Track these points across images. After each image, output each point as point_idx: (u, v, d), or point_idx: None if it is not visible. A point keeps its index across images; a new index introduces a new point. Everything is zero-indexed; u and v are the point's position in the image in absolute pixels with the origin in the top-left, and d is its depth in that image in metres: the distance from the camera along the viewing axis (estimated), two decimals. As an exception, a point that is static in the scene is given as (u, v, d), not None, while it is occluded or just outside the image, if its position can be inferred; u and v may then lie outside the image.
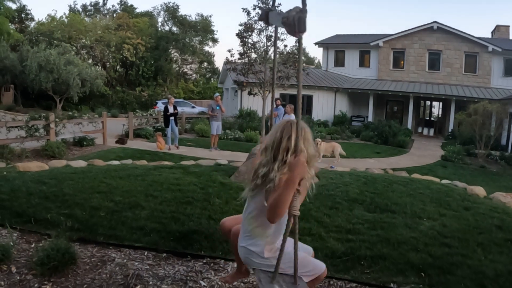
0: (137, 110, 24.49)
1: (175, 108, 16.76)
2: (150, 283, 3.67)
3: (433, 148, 22.49)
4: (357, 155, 17.81)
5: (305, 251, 3.03)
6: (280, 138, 2.60)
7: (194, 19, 52.37)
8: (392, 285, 3.92)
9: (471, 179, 13.45)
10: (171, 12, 51.94)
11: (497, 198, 8.72)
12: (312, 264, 2.88)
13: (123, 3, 54.12)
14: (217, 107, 16.52)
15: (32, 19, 46.73)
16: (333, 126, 28.82)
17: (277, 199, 2.42)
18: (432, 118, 34.39)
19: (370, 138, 24.10)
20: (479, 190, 9.12)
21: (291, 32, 2.49)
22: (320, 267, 2.90)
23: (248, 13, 23.68)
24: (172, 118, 16.37)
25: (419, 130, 32.15)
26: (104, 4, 53.80)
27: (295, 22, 2.40)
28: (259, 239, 2.77)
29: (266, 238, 2.76)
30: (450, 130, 28.03)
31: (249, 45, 23.58)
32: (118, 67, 46.81)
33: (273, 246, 2.78)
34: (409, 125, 29.23)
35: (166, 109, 16.48)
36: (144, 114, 22.40)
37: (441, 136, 29.31)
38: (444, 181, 10.49)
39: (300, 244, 2.80)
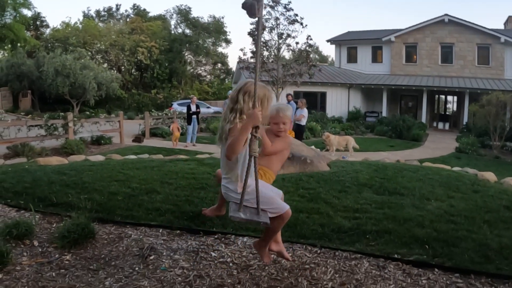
0: (153, 110, 24.88)
1: (197, 107, 17.20)
2: (164, 254, 3.91)
3: (447, 141, 22.44)
4: (371, 149, 17.89)
5: (275, 193, 3.61)
6: (236, 95, 3.26)
7: (206, 20, 52.84)
8: (396, 256, 4.05)
9: (484, 168, 13.37)
10: (184, 14, 52.38)
11: (507, 182, 8.72)
12: (276, 203, 3.33)
13: (136, 7, 54.85)
14: (231, 104, 16.82)
15: (47, 26, 47.68)
16: (347, 122, 28.91)
17: (232, 141, 3.05)
18: (447, 112, 34.21)
19: (384, 133, 24.14)
20: (490, 176, 9.14)
21: (249, 15, 3.03)
22: (283, 206, 3.33)
23: (259, 11, 23.97)
24: (194, 116, 16.83)
25: (434, 124, 32.03)
26: (117, 9, 54.68)
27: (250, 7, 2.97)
28: (232, 179, 3.38)
29: (237, 177, 3.35)
30: (464, 123, 27.89)
31: (261, 43, 23.82)
32: (133, 70, 47.42)
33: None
34: (424, 120, 29.15)
35: (188, 107, 16.96)
36: (160, 113, 22.78)
37: (457, 130, 29.13)
38: (455, 168, 10.54)
39: (271, 186, 3.60)
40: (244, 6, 2.99)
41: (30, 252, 3.86)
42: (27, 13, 36.56)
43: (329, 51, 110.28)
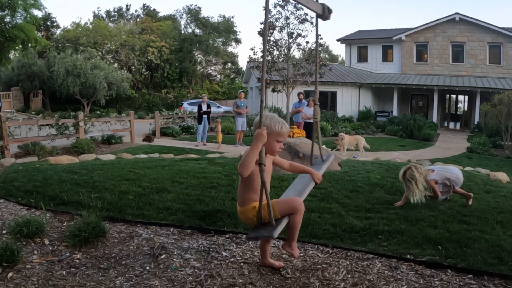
0: (163, 110, 24.93)
1: (208, 106, 17.15)
2: (175, 253, 3.90)
3: (458, 141, 22.27)
4: (382, 148, 17.79)
5: None
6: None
7: (216, 20, 52.87)
8: (408, 256, 4.01)
9: (496, 168, 13.28)
10: (194, 14, 52.45)
11: (520, 183, 8.67)
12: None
13: (146, 7, 55.04)
14: (241, 104, 16.79)
15: (58, 26, 47.81)
16: (358, 121, 28.80)
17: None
18: (458, 112, 33.94)
19: (395, 133, 24.00)
20: (502, 176, 9.07)
21: None
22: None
23: (269, 11, 23.93)
24: (205, 116, 16.78)
25: (445, 124, 31.81)
26: (127, 9, 54.92)
27: None
28: None
29: None
30: (476, 123, 27.62)
31: (271, 43, 23.79)
32: (143, 70, 47.48)
33: None
34: (435, 119, 28.92)
35: (199, 107, 16.91)
36: (170, 113, 22.84)
37: (468, 130, 28.85)
38: (467, 168, 10.46)
39: None
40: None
41: (40, 251, 3.87)
42: (38, 13, 36.63)
43: (339, 50, 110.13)
